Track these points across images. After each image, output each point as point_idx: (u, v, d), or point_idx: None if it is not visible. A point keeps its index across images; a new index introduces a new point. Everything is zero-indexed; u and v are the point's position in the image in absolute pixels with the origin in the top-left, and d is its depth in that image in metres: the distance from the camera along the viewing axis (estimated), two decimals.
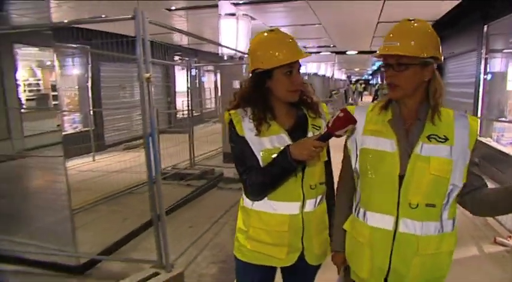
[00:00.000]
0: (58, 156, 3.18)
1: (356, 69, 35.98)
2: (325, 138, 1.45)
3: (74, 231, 3.15)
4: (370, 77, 43.56)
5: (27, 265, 3.32)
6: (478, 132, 1.39)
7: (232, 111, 1.63)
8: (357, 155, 1.51)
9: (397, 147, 1.41)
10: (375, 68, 31.73)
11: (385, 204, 1.42)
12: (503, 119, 7.08)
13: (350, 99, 21.26)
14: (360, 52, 16.40)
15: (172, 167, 6.78)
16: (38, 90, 8.52)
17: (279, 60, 1.52)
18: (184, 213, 4.89)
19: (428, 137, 1.39)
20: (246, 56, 6.97)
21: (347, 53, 16.88)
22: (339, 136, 1.45)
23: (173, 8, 6.66)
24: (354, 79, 39.22)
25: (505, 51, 6.96)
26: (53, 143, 3.78)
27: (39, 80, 8.58)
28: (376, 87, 29.75)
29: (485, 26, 7.03)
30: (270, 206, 1.60)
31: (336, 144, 1.62)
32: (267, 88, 1.59)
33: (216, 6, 6.22)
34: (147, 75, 2.56)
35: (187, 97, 7.08)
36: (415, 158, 1.38)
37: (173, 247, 3.19)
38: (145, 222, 4.05)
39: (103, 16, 5.32)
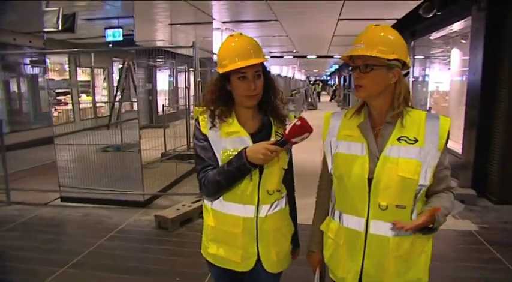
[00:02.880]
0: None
1: (315, 71, 38.52)
2: (281, 144, 1.48)
3: (143, 178, 4.92)
4: (328, 78, 46.34)
5: (107, 204, 5.06)
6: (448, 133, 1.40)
7: (200, 109, 1.66)
8: (331, 159, 1.54)
9: (367, 150, 1.42)
10: (332, 69, 34.25)
11: (356, 207, 1.43)
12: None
13: (309, 98, 23.23)
14: (319, 56, 18.64)
15: (172, 150, 8.51)
16: None
17: (226, 66, 1.54)
18: (193, 180, 6.65)
19: (399, 139, 1.39)
20: None
21: (307, 57, 19.09)
22: (294, 143, 1.50)
23: (176, 23, 8.41)
24: (312, 79, 41.63)
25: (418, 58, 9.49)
26: None
27: None
28: (334, 87, 32.36)
29: (412, 42, 9.35)
30: (225, 206, 1.61)
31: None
32: (230, 91, 1.61)
33: (211, 23, 8.06)
34: (199, 79, 4.41)
35: (186, 94, 8.76)
36: (383, 160, 1.38)
37: None
38: (175, 179, 5.87)
39: None
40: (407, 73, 1.45)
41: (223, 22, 8.50)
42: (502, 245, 3.73)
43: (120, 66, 12.16)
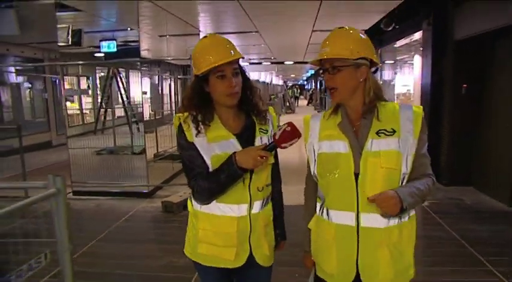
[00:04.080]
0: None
1: (292, 76, 39.59)
2: (271, 149, 1.53)
3: (148, 172, 5.69)
4: (305, 83, 47.44)
5: (116, 196, 5.79)
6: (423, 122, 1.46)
7: (182, 116, 1.61)
8: (315, 160, 1.57)
9: (349, 147, 1.46)
10: (308, 74, 35.34)
11: (345, 202, 1.47)
12: None
13: (287, 102, 24.21)
14: (296, 62, 19.65)
15: (163, 151, 9.24)
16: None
17: (203, 65, 1.53)
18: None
19: (377, 133, 1.43)
20: None
21: (285, 63, 20.06)
22: (284, 148, 1.54)
23: (165, 34, 9.17)
24: (290, 84, 42.56)
25: (386, 63, 10.56)
26: None
27: None
28: (311, 91, 33.49)
29: (379, 49, 10.40)
30: (219, 209, 1.61)
31: None
32: (208, 93, 1.59)
33: (198, 34, 8.88)
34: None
35: (175, 99, 9.53)
36: (366, 155, 1.43)
37: None
38: (172, 174, 6.64)
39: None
40: (376, 70, 1.52)
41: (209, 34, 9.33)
42: (443, 214, 4.70)
43: (102, 74, 12.76)
